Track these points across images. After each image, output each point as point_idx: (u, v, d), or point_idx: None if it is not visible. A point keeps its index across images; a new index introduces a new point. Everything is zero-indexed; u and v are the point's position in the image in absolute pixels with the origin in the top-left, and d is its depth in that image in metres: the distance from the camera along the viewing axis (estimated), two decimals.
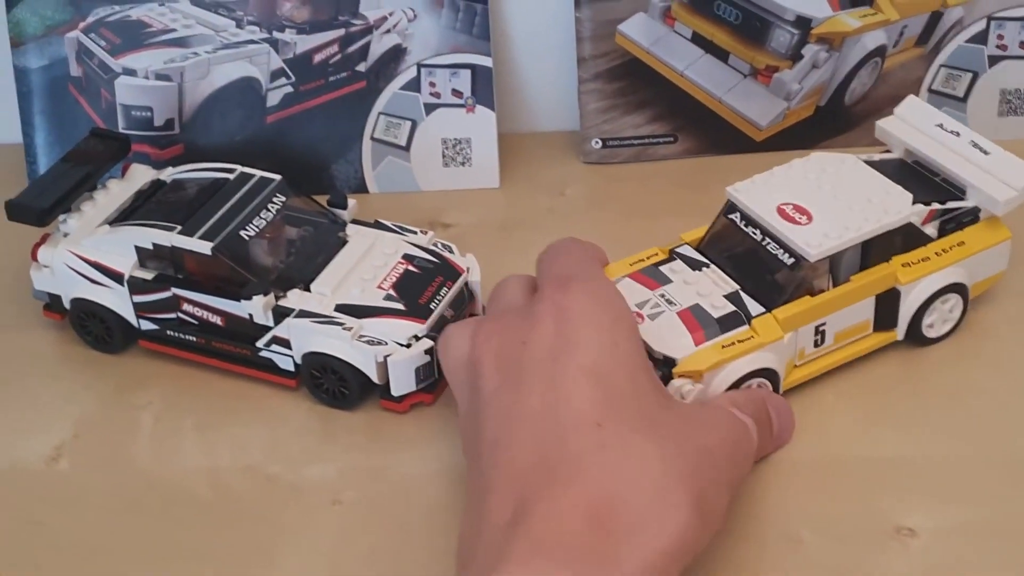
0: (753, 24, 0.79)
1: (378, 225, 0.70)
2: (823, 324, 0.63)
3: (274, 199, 0.68)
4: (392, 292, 0.65)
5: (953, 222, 0.66)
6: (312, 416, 0.65)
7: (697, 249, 0.66)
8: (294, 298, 0.65)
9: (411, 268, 0.67)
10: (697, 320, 0.61)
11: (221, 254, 0.64)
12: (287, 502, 0.60)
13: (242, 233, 0.66)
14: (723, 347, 0.60)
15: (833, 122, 0.82)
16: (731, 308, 0.62)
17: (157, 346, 0.68)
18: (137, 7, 0.79)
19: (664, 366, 0.60)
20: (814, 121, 0.82)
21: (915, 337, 0.66)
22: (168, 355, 0.68)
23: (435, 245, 0.69)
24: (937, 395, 0.64)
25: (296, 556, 0.57)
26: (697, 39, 0.81)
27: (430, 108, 0.81)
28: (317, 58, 0.80)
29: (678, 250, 0.66)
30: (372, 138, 0.81)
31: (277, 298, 0.65)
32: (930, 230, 0.65)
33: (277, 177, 0.69)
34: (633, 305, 0.62)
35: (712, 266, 0.64)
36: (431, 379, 0.65)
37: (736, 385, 0.61)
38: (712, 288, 0.63)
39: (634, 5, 0.80)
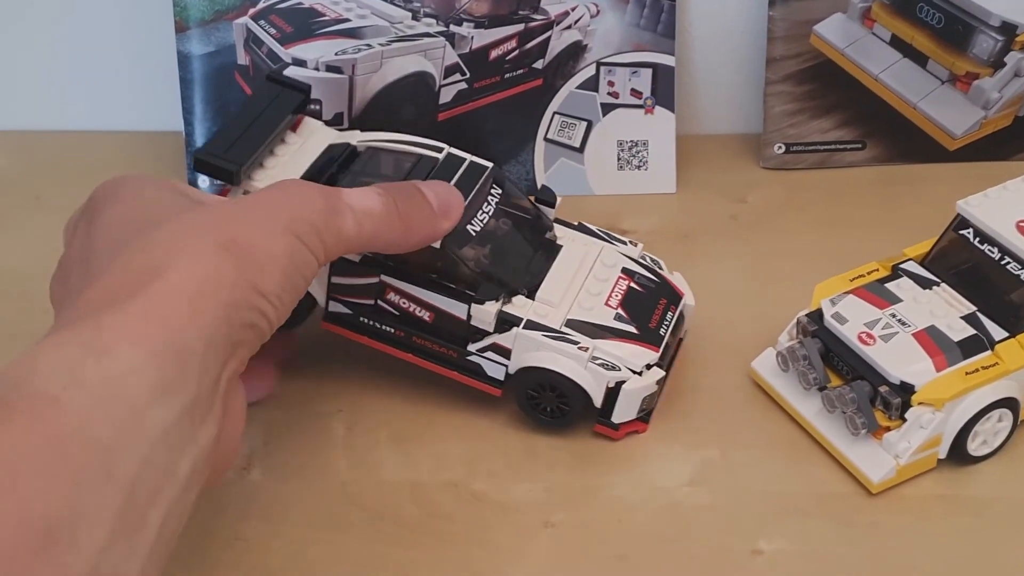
0: (956, 28, 0.75)
1: (583, 228, 0.66)
2: None
3: (492, 190, 0.62)
4: (621, 311, 0.61)
5: None
6: (509, 431, 0.62)
7: (923, 265, 0.62)
8: (520, 306, 0.60)
9: (634, 285, 0.63)
10: (936, 343, 0.57)
11: (452, 250, 0.59)
12: (497, 521, 0.57)
13: (469, 227, 0.60)
14: (967, 374, 0.57)
15: None
16: (971, 331, 0.58)
17: (345, 331, 0.63)
18: None
19: (901, 392, 0.57)
20: (1012, 132, 0.78)
21: None
22: (348, 361, 0.65)
23: (645, 258, 0.65)
24: None
25: None
26: (896, 42, 0.77)
27: (607, 108, 0.77)
28: (494, 54, 0.77)
29: (902, 266, 0.62)
30: (546, 139, 0.78)
31: (503, 303, 0.60)
32: None
33: (489, 164, 0.63)
34: (861, 324, 0.59)
35: (943, 284, 0.61)
36: (651, 408, 0.61)
37: (979, 416, 0.57)
38: (947, 309, 0.59)
39: (832, 5, 0.76)
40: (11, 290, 0.71)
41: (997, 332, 0.58)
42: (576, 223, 0.66)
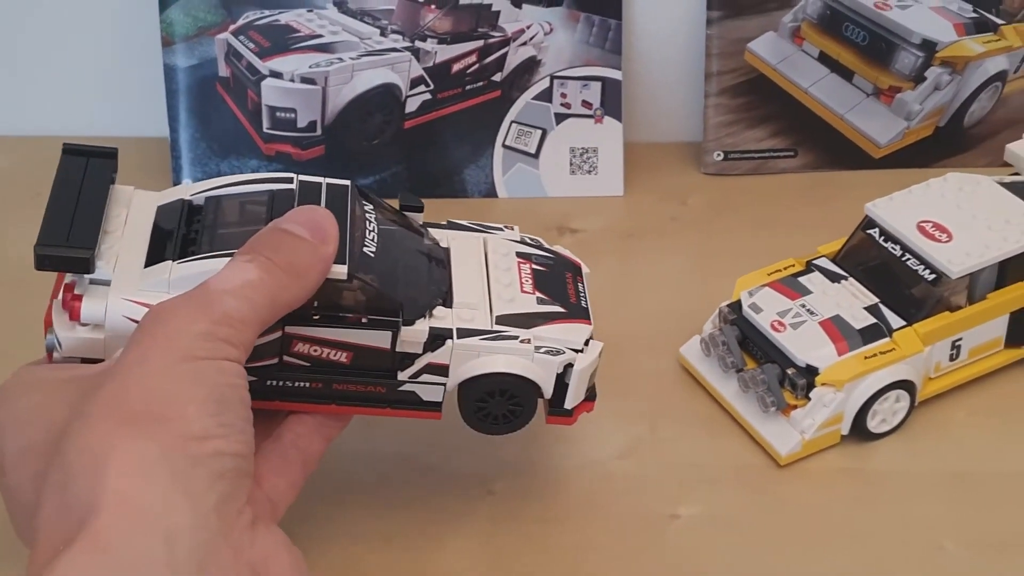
0: (879, 45, 0.82)
1: (454, 225, 0.62)
2: (959, 339, 0.65)
3: (365, 207, 0.57)
4: (541, 295, 0.58)
5: None
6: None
7: (834, 261, 0.68)
8: (442, 317, 0.56)
9: (537, 267, 0.60)
10: (840, 331, 0.64)
11: (361, 277, 0.53)
12: (444, 489, 0.63)
13: (365, 250, 0.54)
14: (865, 358, 0.63)
15: (951, 143, 0.84)
16: (872, 320, 0.64)
17: (259, 403, 0.52)
18: (286, 12, 0.82)
19: (807, 374, 0.63)
20: (932, 141, 0.84)
21: None
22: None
23: (526, 239, 0.62)
24: None
25: (458, 540, 0.61)
26: (823, 58, 0.83)
27: (560, 118, 0.84)
28: (456, 67, 0.83)
29: (816, 262, 0.69)
30: (504, 145, 0.84)
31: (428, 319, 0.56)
32: None
33: (347, 182, 0.57)
34: (774, 314, 0.65)
35: (851, 279, 0.67)
36: (593, 385, 0.59)
37: (876, 396, 0.63)
38: (852, 300, 0.66)
39: (764, 24, 0.82)
40: (12, 277, 0.78)
41: (896, 321, 0.65)
42: (445, 222, 0.62)
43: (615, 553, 0.60)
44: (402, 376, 0.56)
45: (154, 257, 0.54)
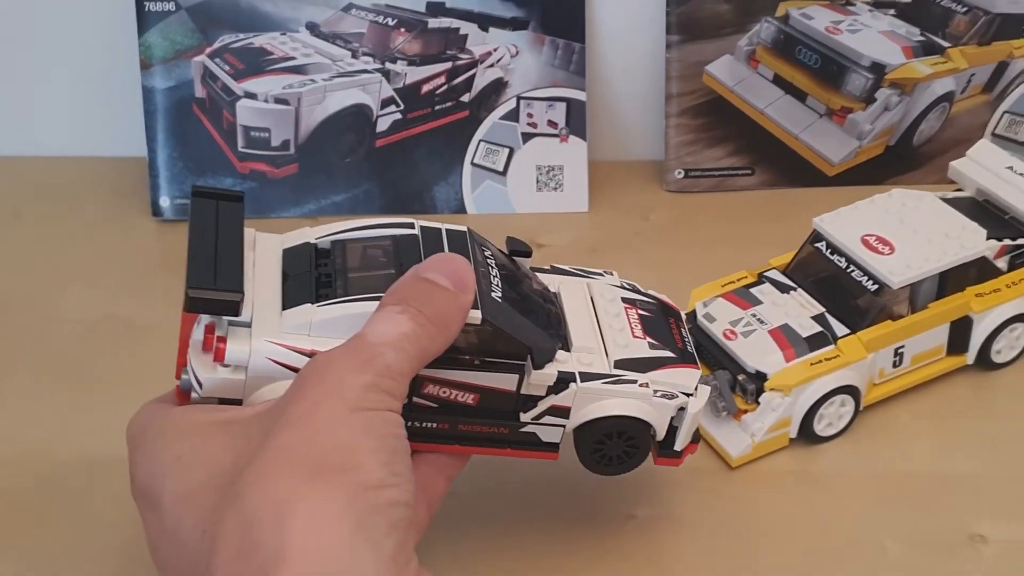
0: (831, 68, 0.85)
1: (558, 271, 0.63)
2: (902, 347, 0.68)
3: (485, 252, 0.58)
4: (652, 340, 0.60)
5: (1022, 257, 0.71)
6: None
7: (784, 273, 0.71)
8: (566, 362, 0.57)
9: (642, 312, 0.61)
10: (787, 339, 0.67)
11: (493, 322, 0.54)
12: None
13: (494, 295, 0.55)
14: (811, 364, 0.66)
15: (901, 161, 0.88)
16: (818, 328, 0.67)
17: None
18: (260, 35, 0.85)
19: (756, 380, 0.66)
20: (883, 159, 0.88)
21: (984, 362, 0.71)
22: None
23: (624, 285, 0.64)
24: (1004, 416, 0.70)
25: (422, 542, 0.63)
26: (778, 81, 0.87)
27: (527, 137, 0.87)
28: (425, 88, 0.86)
29: (767, 274, 0.72)
30: (472, 163, 0.87)
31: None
32: (1001, 264, 0.71)
33: (464, 228, 0.58)
34: (726, 323, 0.68)
35: (799, 289, 0.70)
36: (698, 427, 0.61)
37: (822, 401, 0.66)
38: (800, 310, 0.69)
39: (721, 48, 0.86)
40: None
41: (841, 329, 0.68)
42: (549, 267, 0.63)
43: (576, 551, 0.62)
44: (524, 417, 0.57)
45: (290, 300, 0.55)
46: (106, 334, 0.77)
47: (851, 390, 0.67)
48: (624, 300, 0.62)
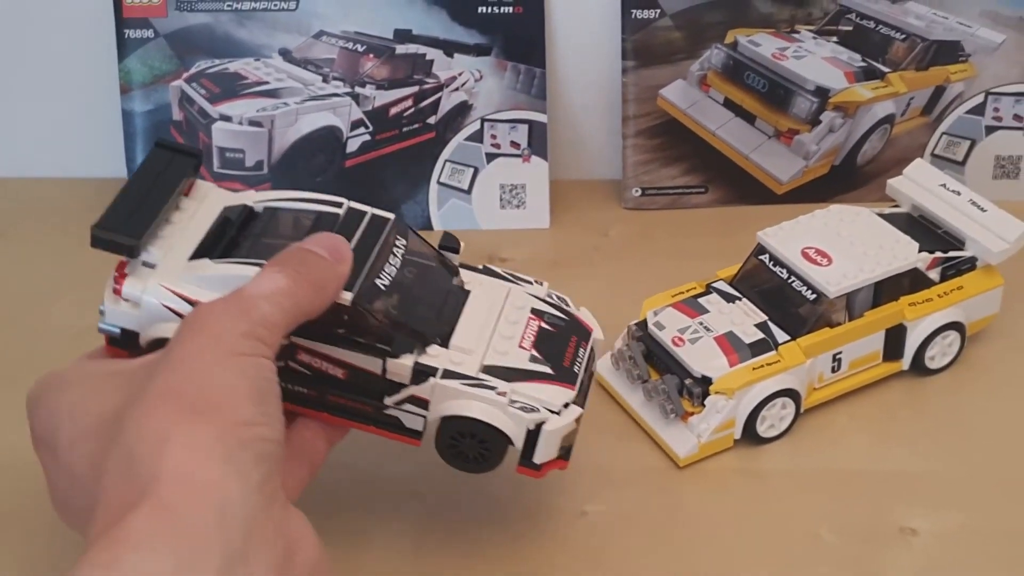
0: (778, 92, 0.90)
1: (488, 271, 0.65)
2: (840, 353, 0.72)
3: (397, 242, 0.61)
4: (535, 352, 0.61)
5: (953, 269, 0.76)
6: None
7: (730, 284, 0.75)
8: (435, 356, 0.59)
9: (544, 325, 0.63)
10: (731, 345, 0.71)
11: (364, 306, 0.57)
12: (374, 492, 0.69)
13: (377, 281, 0.58)
14: (753, 369, 0.70)
15: (846, 180, 0.92)
16: (760, 335, 0.71)
17: None
18: (235, 61, 0.89)
19: (702, 384, 0.70)
20: (829, 178, 0.92)
21: (918, 367, 0.75)
22: None
23: (551, 296, 0.65)
24: (937, 418, 0.74)
25: (384, 539, 0.67)
26: (728, 104, 0.91)
27: (491, 157, 0.91)
28: (393, 111, 0.90)
29: (714, 285, 0.76)
30: (438, 182, 0.91)
31: (417, 354, 0.59)
32: (933, 275, 0.75)
33: (391, 216, 0.62)
34: (675, 331, 0.72)
35: (744, 299, 0.74)
36: (570, 445, 0.62)
37: (764, 403, 0.70)
38: (744, 318, 0.72)
39: (674, 73, 0.90)
40: None
41: (782, 336, 0.71)
42: (481, 267, 0.66)
43: (527, 546, 0.66)
44: (388, 401, 0.60)
45: (200, 252, 0.59)
46: (92, 346, 0.79)
47: (792, 393, 0.71)
48: (534, 311, 0.63)
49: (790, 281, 0.73)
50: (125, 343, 0.60)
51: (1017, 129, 0.91)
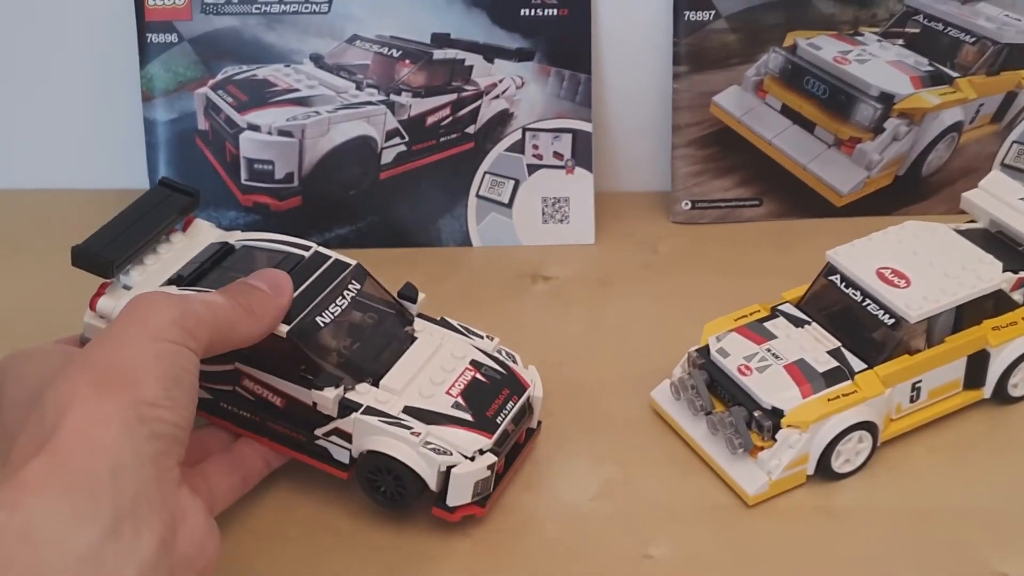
0: (839, 98, 0.85)
1: (444, 323, 0.69)
2: (919, 381, 0.67)
3: (350, 286, 0.66)
4: (460, 400, 0.64)
5: None
6: None
7: (798, 307, 0.71)
8: (362, 393, 0.63)
9: (479, 376, 0.66)
10: (803, 374, 0.66)
11: (297, 339, 0.62)
12: (423, 533, 0.64)
13: (318, 319, 0.64)
14: (828, 400, 0.65)
15: (910, 191, 0.87)
16: (835, 363, 0.66)
17: (209, 416, 0.66)
18: (264, 67, 0.85)
19: (772, 416, 0.65)
20: (892, 190, 0.87)
21: (1001, 396, 0.70)
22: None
23: (499, 352, 0.68)
24: (1022, 450, 0.69)
25: None
26: (786, 111, 0.86)
27: (532, 168, 0.86)
28: (430, 120, 0.85)
29: (780, 307, 0.71)
30: (477, 195, 0.86)
31: (345, 390, 0.63)
32: (1017, 297, 0.70)
33: (353, 262, 0.67)
34: (741, 358, 0.67)
35: (813, 323, 0.69)
36: (487, 492, 0.64)
37: (840, 437, 0.65)
38: (815, 344, 0.68)
39: (728, 78, 0.85)
40: None
41: (858, 364, 0.67)
42: (439, 318, 0.69)
43: None
44: (318, 432, 0.64)
45: (172, 280, 0.67)
46: None
47: (869, 426, 0.66)
48: (472, 362, 0.67)
49: (864, 304, 0.68)
50: None
51: None
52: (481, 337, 0.69)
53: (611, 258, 0.86)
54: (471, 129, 0.86)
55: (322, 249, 0.68)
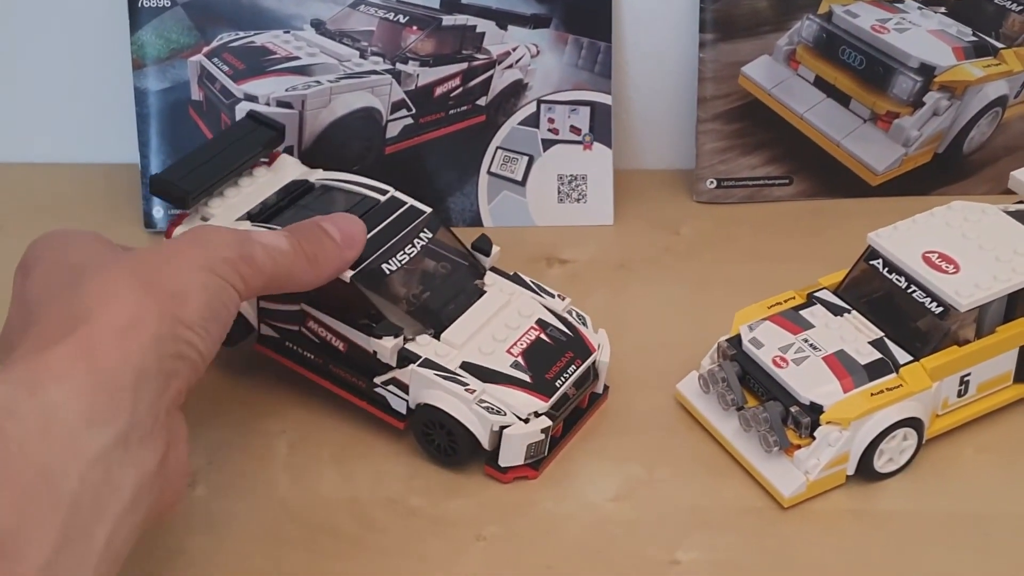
0: (876, 70, 0.80)
1: (517, 279, 0.68)
2: (968, 374, 0.63)
3: (422, 234, 0.66)
4: (520, 360, 0.63)
5: None
6: None
7: (836, 294, 0.66)
8: (422, 345, 0.63)
9: (543, 337, 0.65)
10: (844, 367, 0.61)
11: (360, 284, 0.63)
12: (431, 535, 0.60)
13: (384, 266, 0.64)
14: (872, 395, 0.60)
15: (950, 170, 0.82)
16: (878, 355, 0.62)
17: (272, 353, 0.67)
18: (262, 34, 0.80)
19: (811, 412, 0.60)
20: (931, 168, 0.83)
21: None
22: (294, 383, 0.68)
23: (570, 313, 0.67)
24: None
25: None
26: (820, 83, 0.81)
27: (548, 144, 0.81)
28: (439, 91, 0.80)
29: (817, 294, 0.66)
30: (489, 172, 0.82)
31: (406, 341, 0.63)
32: None
33: (428, 209, 0.67)
34: (776, 349, 0.63)
35: (854, 312, 0.64)
36: (540, 455, 0.63)
37: (883, 435, 0.61)
38: (856, 334, 0.63)
39: (759, 48, 0.80)
40: None
41: (902, 356, 0.62)
42: (512, 273, 0.68)
43: None
44: (377, 380, 0.64)
45: (248, 215, 0.68)
46: None
47: (915, 422, 0.61)
48: (539, 321, 0.66)
49: (910, 291, 0.63)
50: None
51: None
52: (552, 296, 0.68)
53: (631, 240, 0.81)
54: (482, 101, 0.81)
55: (399, 194, 0.68)
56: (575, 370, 0.64)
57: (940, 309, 0.61)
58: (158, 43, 0.80)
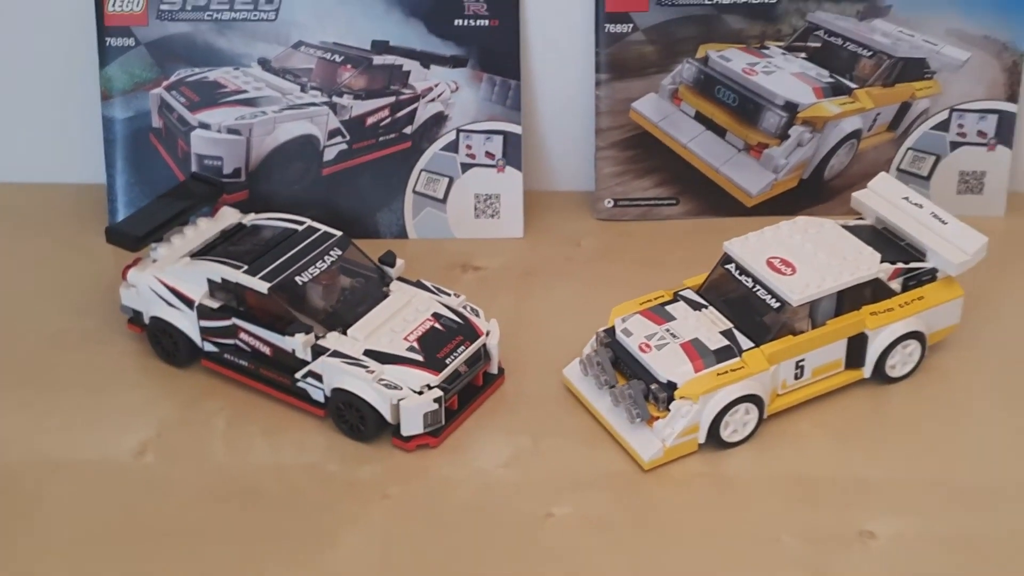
0: (748, 107, 0.91)
1: (419, 284, 0.79)
2: (803, 360, 0.74)
3: (331, 252, 0.77)
4: (415, 344, 0.74)
5: (914, 280, 0.77)
6: None
7: (697, 292, 0.77)
8: (331, 339, 0.74)
9: (437, 325, 0.75)
10: (697, 351, 0.72)
11: (275, 293, 0.74)
12: (344, 495, 0.70)
13: (297, 278, 0.75)
14: (718, 375, 0.71)
15: (814, 193, 0.94)
16: (725, 342, 0.73)
17: (216, 366, 0.78)
18: (215, 70, 0.91)
19: (667, 389, 0.71)
20: (797, 191, 0.94)
21: (879, 376, 0.77)
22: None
23: (464, 308, 0.78)
24: (897, 425, 0.75)
25: (352, 540, 0.68)
26: (699, 117, 0.92)
27: (466, 167, 0.92)
28: (370, 120, 0.91)
29: (681, 293, 0.77)
30: (414, 191, 0.92)
31: (317, 338, 0.74)
32: (895, 285, 0.77)
33: (338, 233, 0.79)
34: (642, 337, 0.74)
35: (710, 307, 0.75)
36: (438, 424, 0.73)
37: (727, 408, 0.72)
38: (710, 325, 0.74)
39: (646, 86, 0.92)
40: None
41: (747, 343, 0.73)
42: (416, 281, 0.80)
43: (496, 549, 0.67)
44: (297, 375, 0.75)
45: (189, 254, 0.79)
46: (69, 347, 0.82)
47: (755, 399, 0.72)
48: (434, 314, 0.76)
49: (755, 290, 0.74)
50: (137, 322, 0.81)
51: (981, 145, 0.93)
52: (450, 295, 0.78)
53: (537, 251, 0.92)
54: (408, 130, 0.91)
55: (314, 224, 0.80)
56: (464, 351, 0.74)
57: (777, 304, 0.73)
58: (123, 77, 0.91)
